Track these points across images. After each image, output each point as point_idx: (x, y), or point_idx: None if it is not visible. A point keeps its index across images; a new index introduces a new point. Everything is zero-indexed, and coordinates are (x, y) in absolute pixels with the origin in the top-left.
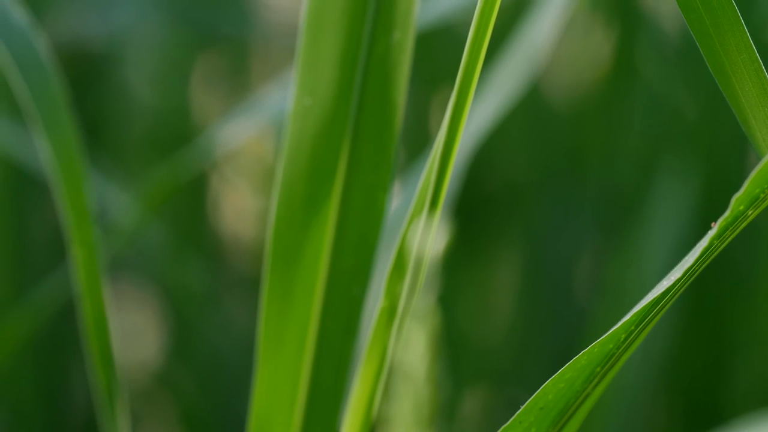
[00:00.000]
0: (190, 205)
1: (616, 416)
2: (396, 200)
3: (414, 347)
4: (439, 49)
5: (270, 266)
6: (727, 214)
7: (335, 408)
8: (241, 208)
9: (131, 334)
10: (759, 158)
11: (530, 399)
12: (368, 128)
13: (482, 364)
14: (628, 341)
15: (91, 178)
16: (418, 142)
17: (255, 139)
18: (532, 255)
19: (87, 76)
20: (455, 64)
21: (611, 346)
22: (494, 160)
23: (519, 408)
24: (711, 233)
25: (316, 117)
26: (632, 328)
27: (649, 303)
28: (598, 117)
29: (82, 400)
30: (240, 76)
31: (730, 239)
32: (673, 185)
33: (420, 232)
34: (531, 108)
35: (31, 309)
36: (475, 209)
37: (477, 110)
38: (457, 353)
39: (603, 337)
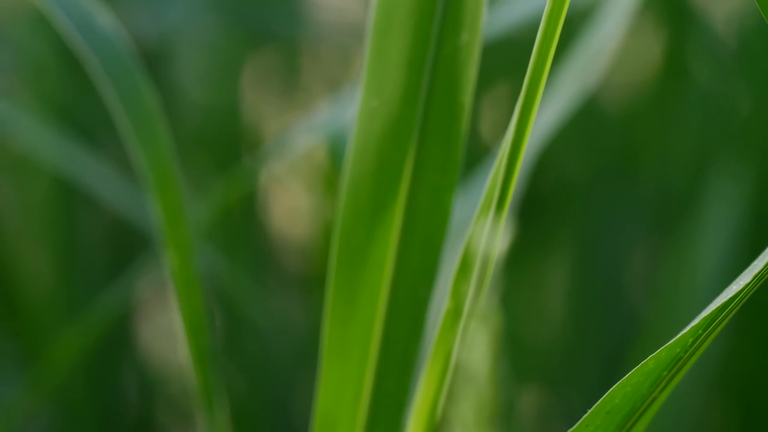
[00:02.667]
0: (240, 203)
1: (670, 418)
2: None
3: (476, 347)
4: (490, 47)
5: (335, 267)
6: None
7: (399, 409)
8: (291, 207)
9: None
10: None
11: (597, 403)
12: (435, 130)
13: (533, 364)
14: (695, 345)
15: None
16: (468, 140)
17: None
18: (584, 255)
19: None
20: (506, 62)
21: (679, 350)
22: (547, 161)
23: (571, 408)
24: None
25: (383, 118)
26: (700, 332)
27: (718, 307)
28: (650, 117)
29: (133, 402)
30: (290, 76)
31: None
32: (725, 185)
33: (486, 233)
34: (583, 108)
35: (86, 323)
36: (528, 209)
37: (541, 112)
38: (509, 353)
39: (671, 341)
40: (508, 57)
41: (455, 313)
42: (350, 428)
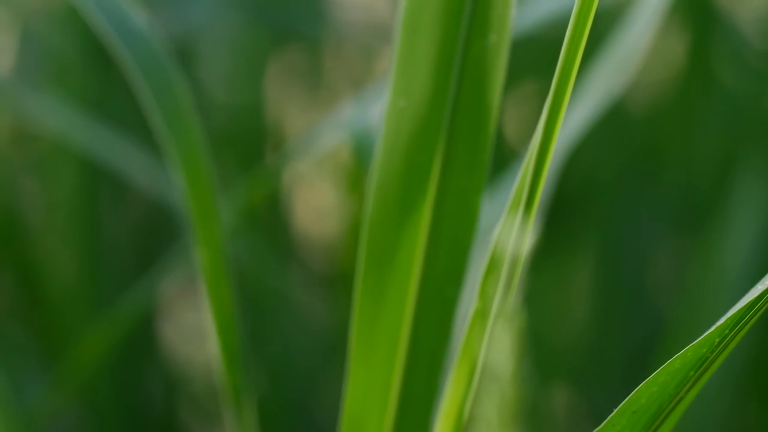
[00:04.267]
0: (265, 201)
1: (697, 418)
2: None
3: (501, 347)
4: (513, 45)
5: (363, 267)
6: None
7: (427, 409)
8: (315, 205)
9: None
10: None
11: (623, 402)
12: (463, 131)
13: (558, 364)
14: (722, 345)
15: (169, 177)
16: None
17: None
18: (608, 255)
19: None
20: (530, 61)
21: (705, 350)
22: (571, 160)
23: (595, 408)
24: None
25: (411, 119)
26: (726, 331)
27: (745, 306)
28: (675, 116)
29: (158, 401)
30: (314, 75)
31: None
32: (751, 185)
33: (513, 233)
34: (608, 108)
35: (111, 321)
36: (551, 208)
37: (569, 114)
38: (534, 353)
39: (697, 340)
40: (532, 55)
41: (483, 314)
42: (378, 428)
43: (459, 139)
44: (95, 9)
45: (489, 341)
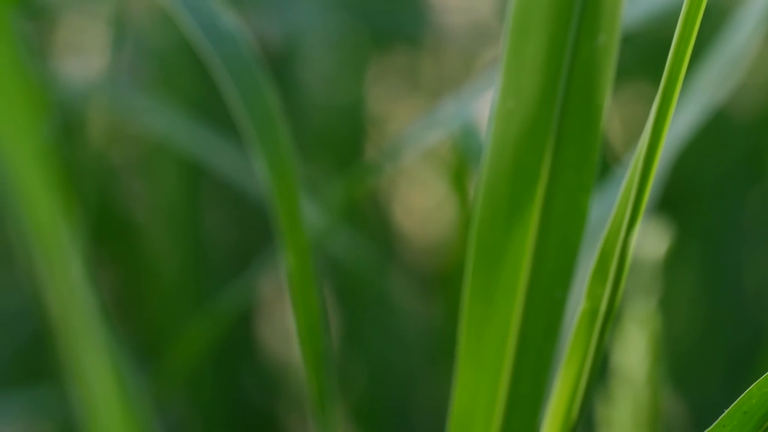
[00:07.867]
0: (365, 200)
1: None
2: None
3: (634, 350)
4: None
5: (472, 268)
6: None
7: (535, 410)
8: (417, 204)
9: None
10: None
11: (734, 403)
12: (572, 131)
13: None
14: None
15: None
16: None
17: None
18: (710, 259)
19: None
20: (631, 61)
21: None
22: (674, 163)
23: (692, 411)
24: None
25: (520, 119)
26: None
27: None
28: None
29: (258, 397)
30: (414, 77)
31: None
32: None
33: (622, 235)
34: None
35: (211, 318)
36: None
37: (676, 115)
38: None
39: None
40: (631, 55)
41: (591, 315)
42: (486, 429)
43: (568, 140)
44: (185, 11)
45: (622, 345)
